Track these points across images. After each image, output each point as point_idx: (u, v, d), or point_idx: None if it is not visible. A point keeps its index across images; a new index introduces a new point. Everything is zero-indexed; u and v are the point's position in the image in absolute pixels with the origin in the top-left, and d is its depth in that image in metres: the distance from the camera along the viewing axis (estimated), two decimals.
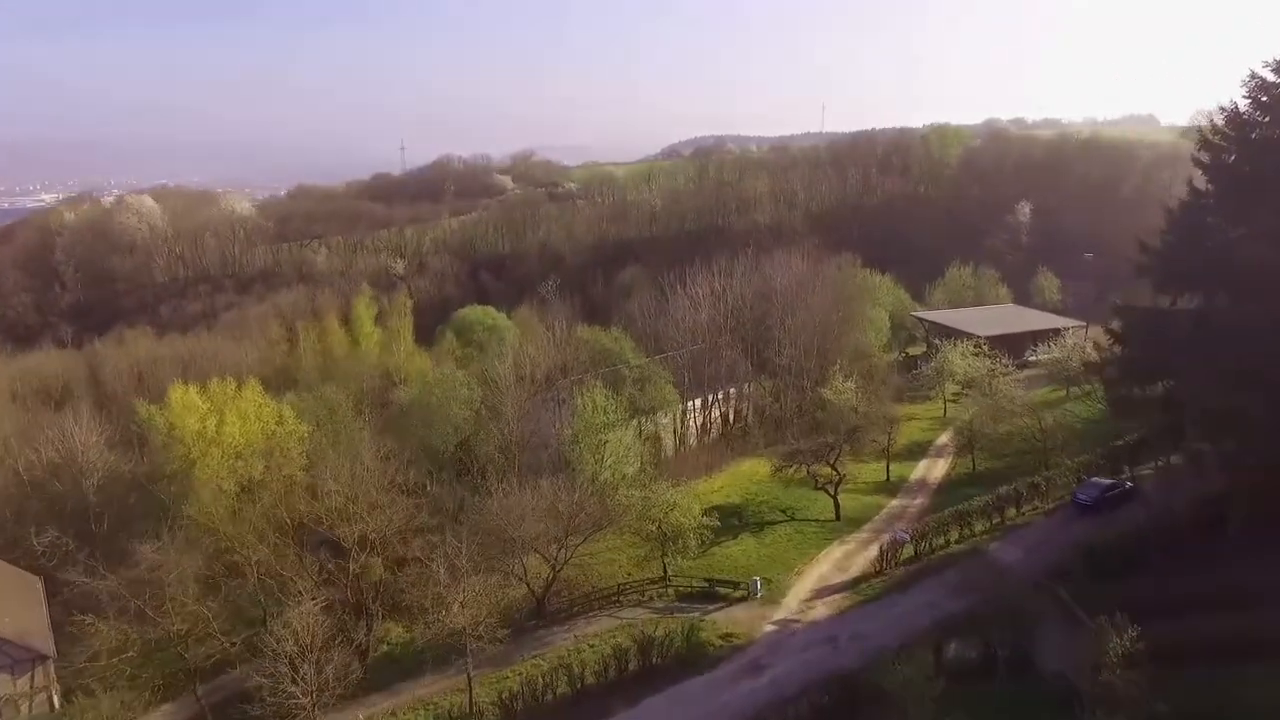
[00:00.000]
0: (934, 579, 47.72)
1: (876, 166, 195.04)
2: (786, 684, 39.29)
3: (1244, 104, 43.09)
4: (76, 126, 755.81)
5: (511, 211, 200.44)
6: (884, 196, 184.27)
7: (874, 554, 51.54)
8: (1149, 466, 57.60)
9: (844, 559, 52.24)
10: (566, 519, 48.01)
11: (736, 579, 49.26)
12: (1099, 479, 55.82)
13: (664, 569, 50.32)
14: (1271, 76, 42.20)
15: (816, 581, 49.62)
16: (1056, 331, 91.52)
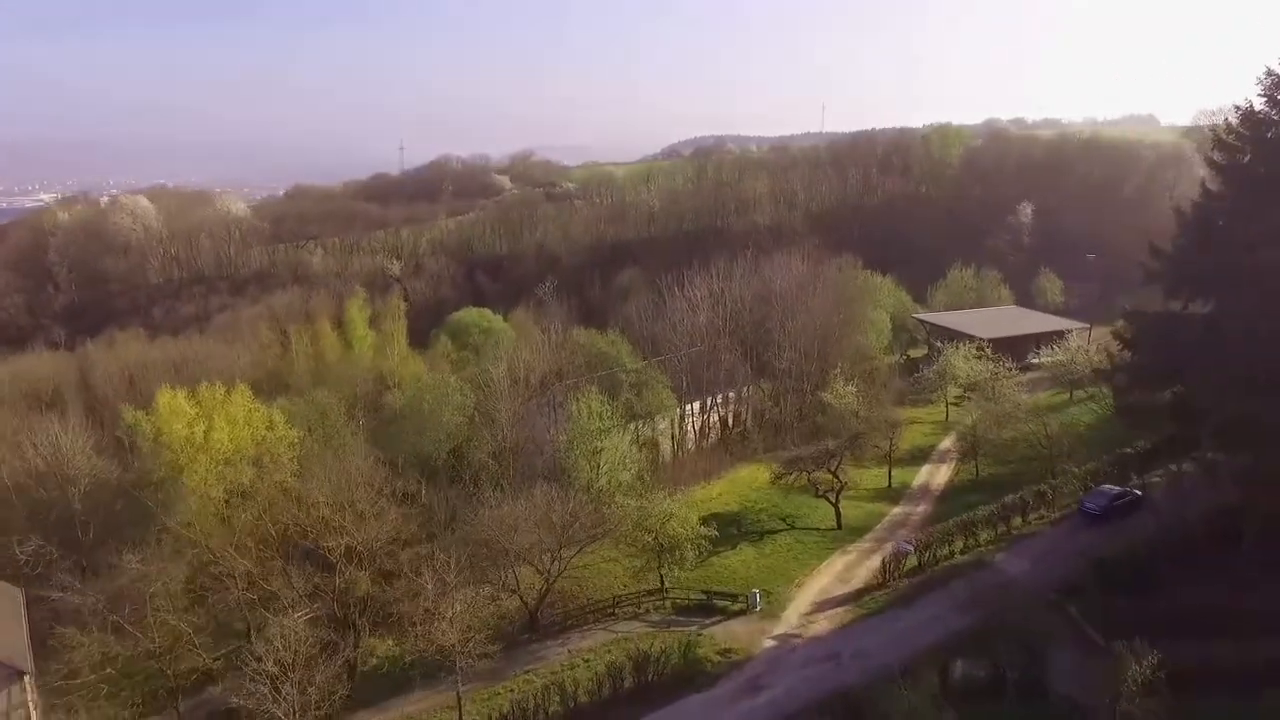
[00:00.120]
0: (939, 592, 46.36)
1: (877, 166, 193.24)
2: (787, 704, 38.08)
3: (1259, 102, 41.97)
4: (76, 126, 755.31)
5: (509, 212, 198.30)
6: (884, 197, 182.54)
7: (876, 564, 50.30)
8: (1157, 474, 56.37)
9: (845, 570, 50.89)
10: (560, 530, 46.68)
11: (735, 591, 47.91)
12: (1107, 487, 54.37)
13: (661, 580, 48.98)
14: None
15: (817, 594, 48.28)
16: (1060, 334, 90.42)
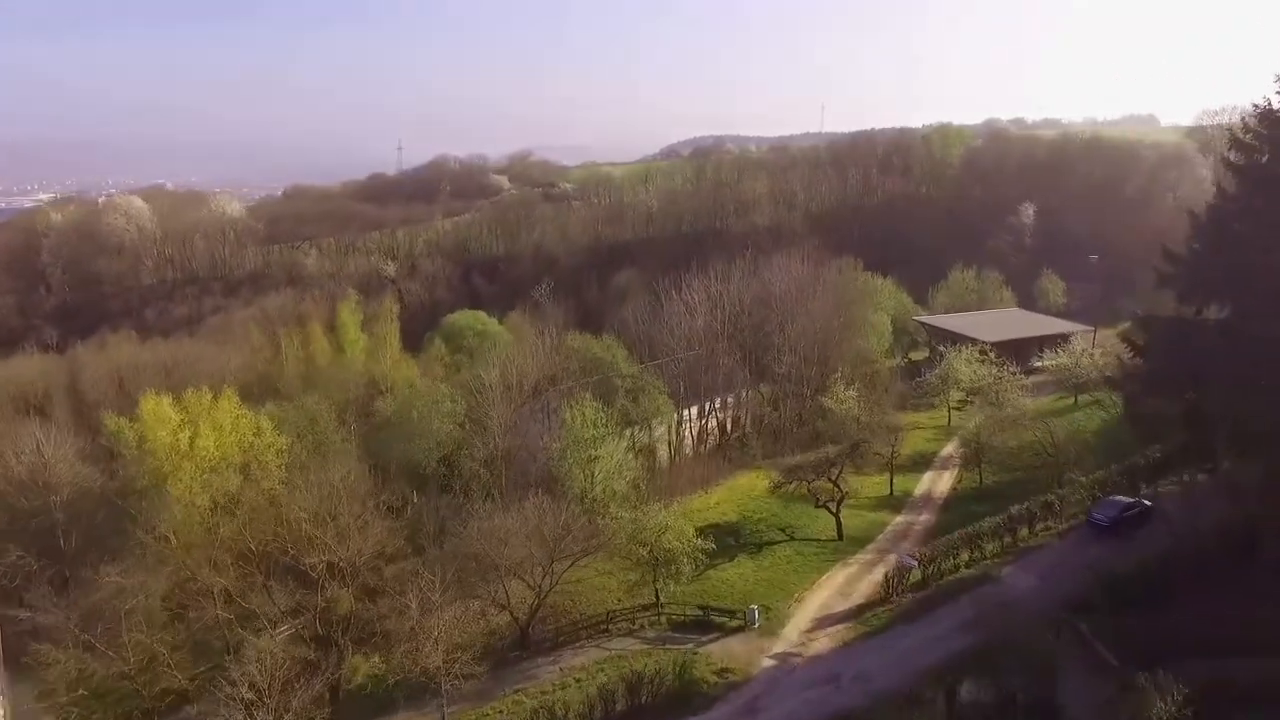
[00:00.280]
0: (944, 609, 44.71)
1: (877, 167, 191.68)
2: None
3: (1279, 101, 40.26)
4: (76, 126, 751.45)
5: (506, 212, 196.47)
6: (884, 197, 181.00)
7: (878, 577, 48.70)
8: (1166, 483, 54.80)
9: (846, 584, 49.28)
10: (552, 543, 45.06)
11: (733, 607, 46.24)
12: (1117, 497, 52.72)
13: (656, 595, 47.32)
14: None
15: (818, 609, 46.65)
16: (1063, 336, 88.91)
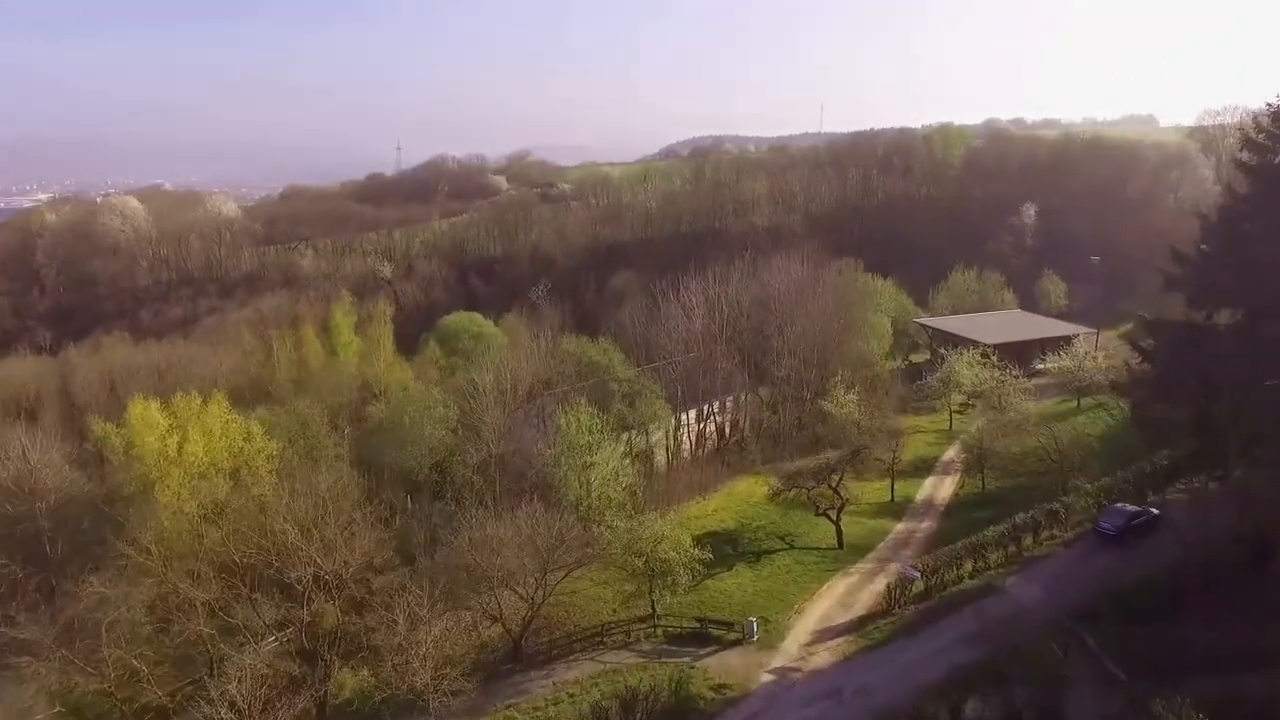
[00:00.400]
0: (947, 620, 43.53)
1: (877, 167, 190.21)
2: None
3: None
4: (76, 126, 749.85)
5: (503, 213, 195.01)
6: (885, 197, 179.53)
7: (880, 587, 47.57)
8: (1174, 490, 53.62)
9: (847, 594, 48.11)
10: (545, 553, 43.93)
11: (731, 619, 45.01)
12: (1123, 506, 51.42)
13: (652, 607, 46.15)
14: None
15: (818, 621, 45.46)
16: (1066, 339, 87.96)
